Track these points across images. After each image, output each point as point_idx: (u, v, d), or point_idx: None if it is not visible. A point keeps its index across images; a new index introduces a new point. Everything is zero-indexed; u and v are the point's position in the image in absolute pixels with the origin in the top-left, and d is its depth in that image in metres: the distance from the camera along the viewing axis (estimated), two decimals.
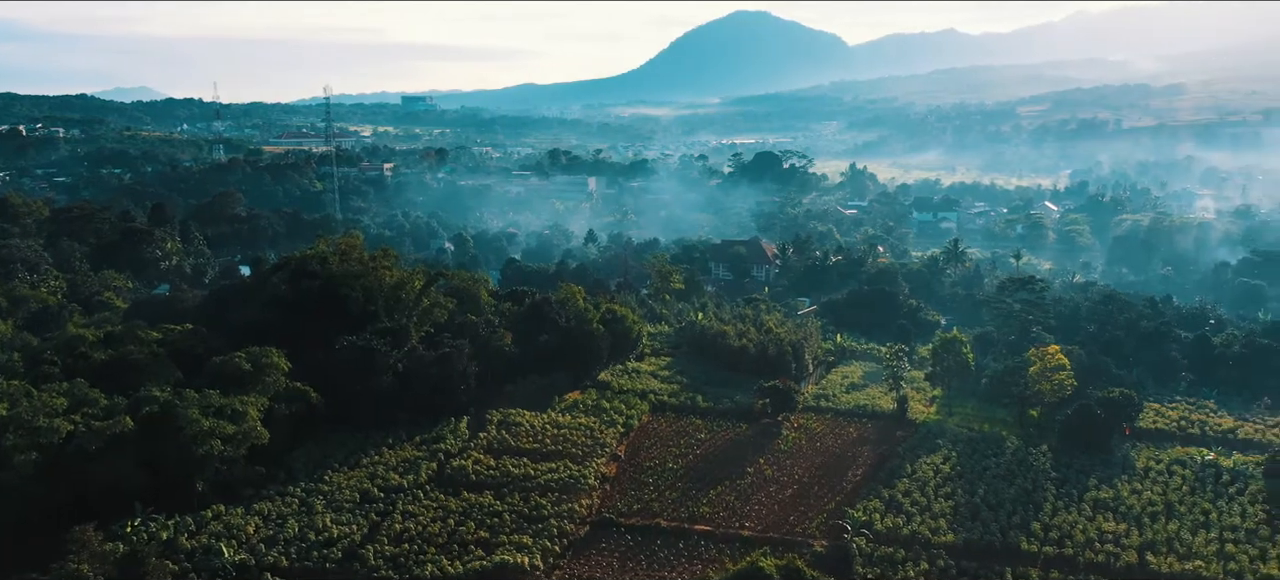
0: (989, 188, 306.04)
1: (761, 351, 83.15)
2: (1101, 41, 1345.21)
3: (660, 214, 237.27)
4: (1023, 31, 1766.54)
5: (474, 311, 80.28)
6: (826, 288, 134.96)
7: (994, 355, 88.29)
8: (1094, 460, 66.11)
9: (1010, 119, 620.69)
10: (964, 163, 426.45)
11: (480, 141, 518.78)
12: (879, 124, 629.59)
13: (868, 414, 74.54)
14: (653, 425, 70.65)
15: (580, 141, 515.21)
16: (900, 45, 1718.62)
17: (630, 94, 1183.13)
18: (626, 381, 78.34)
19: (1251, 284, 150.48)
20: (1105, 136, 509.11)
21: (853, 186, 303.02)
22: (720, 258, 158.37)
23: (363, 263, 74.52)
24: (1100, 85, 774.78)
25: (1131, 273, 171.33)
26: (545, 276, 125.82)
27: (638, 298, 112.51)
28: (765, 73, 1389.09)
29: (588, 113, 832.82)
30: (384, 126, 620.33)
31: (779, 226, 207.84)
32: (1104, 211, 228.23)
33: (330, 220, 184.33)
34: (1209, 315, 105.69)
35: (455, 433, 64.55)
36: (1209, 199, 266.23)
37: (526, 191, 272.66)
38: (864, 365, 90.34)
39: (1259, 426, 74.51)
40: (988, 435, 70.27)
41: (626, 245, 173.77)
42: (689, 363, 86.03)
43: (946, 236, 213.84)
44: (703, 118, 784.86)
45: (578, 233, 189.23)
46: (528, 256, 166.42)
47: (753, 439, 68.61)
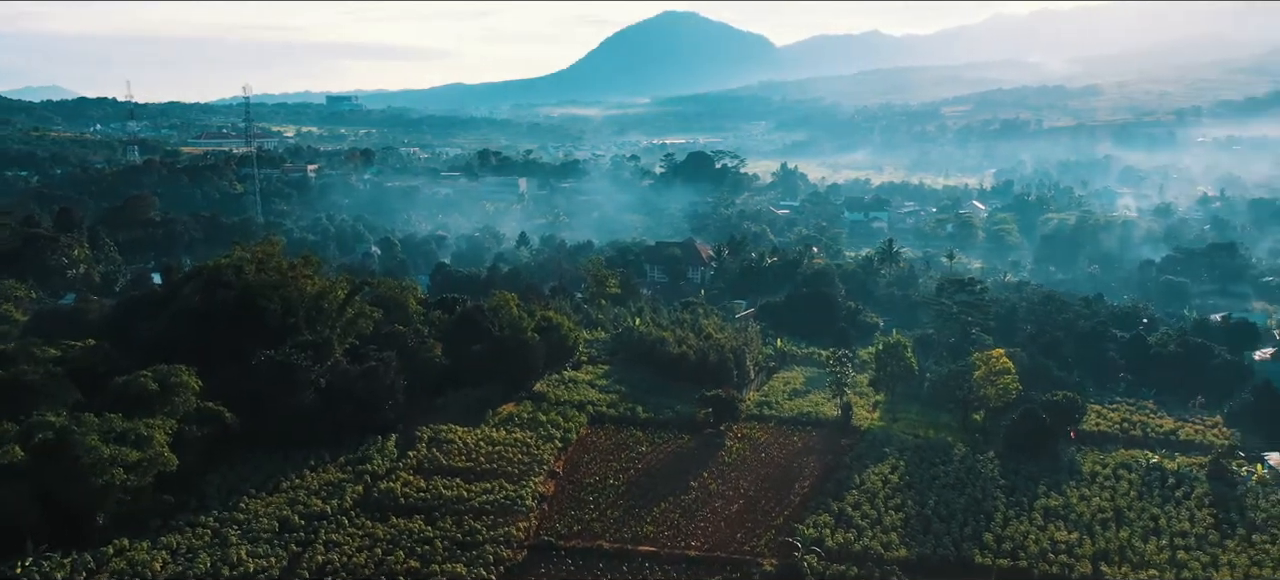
0: (917, 187, 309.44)
1: (702, 358, 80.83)
2: (1019, 44, 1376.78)
3: (593, 215, 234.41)
4: (943, 33, 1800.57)
5: (402, 321, 76.49)
6: (763, 289, 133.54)
7: (935, 358, 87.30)
8: (1041, 465, 65.08)
9: (935, 119, 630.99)
10: (892, 162, 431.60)
11: (408, 142, 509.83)
12: (808, 124, 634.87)
13: (812, 421, 72.67)
14: (592, 438, 67.76)
15: (510, 142, 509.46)
16: (826, 46, 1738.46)
17: (560, 94, 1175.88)
18: (564, 392, 75.33)
19: (1175, 281, 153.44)
20: (1027, 136, 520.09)
21: (784, 186, 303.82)
22: (655, 260, 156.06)
23: (282, 271, 70.20)
24: (1020, 86, 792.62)
25: (1060, 271, 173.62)
26: (477, 282, 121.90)
27: (573, 302, 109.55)
28: (694, 73, 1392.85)
29: (517, 113, 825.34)
30: (308, 127, 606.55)
31: (713, 227, 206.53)
32: (1030, 210, 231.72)
33: (251, 224, 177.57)
34: (1141, 314, 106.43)
35: (383, 452, 60.81)
36: (1130, 197, 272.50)
37: (456, 193, 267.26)
38: (805, 370, 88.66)
39: (1198, 427, 74.50)
40: (934, 442, 68.87)
41: (560, 248, 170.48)
42: (627, 370, 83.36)
43: (878, 236, 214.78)
44: (633, 118, 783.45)
45: (509, 235, 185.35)
46: (458, 260, 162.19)
47: (696, 451, 66.17)
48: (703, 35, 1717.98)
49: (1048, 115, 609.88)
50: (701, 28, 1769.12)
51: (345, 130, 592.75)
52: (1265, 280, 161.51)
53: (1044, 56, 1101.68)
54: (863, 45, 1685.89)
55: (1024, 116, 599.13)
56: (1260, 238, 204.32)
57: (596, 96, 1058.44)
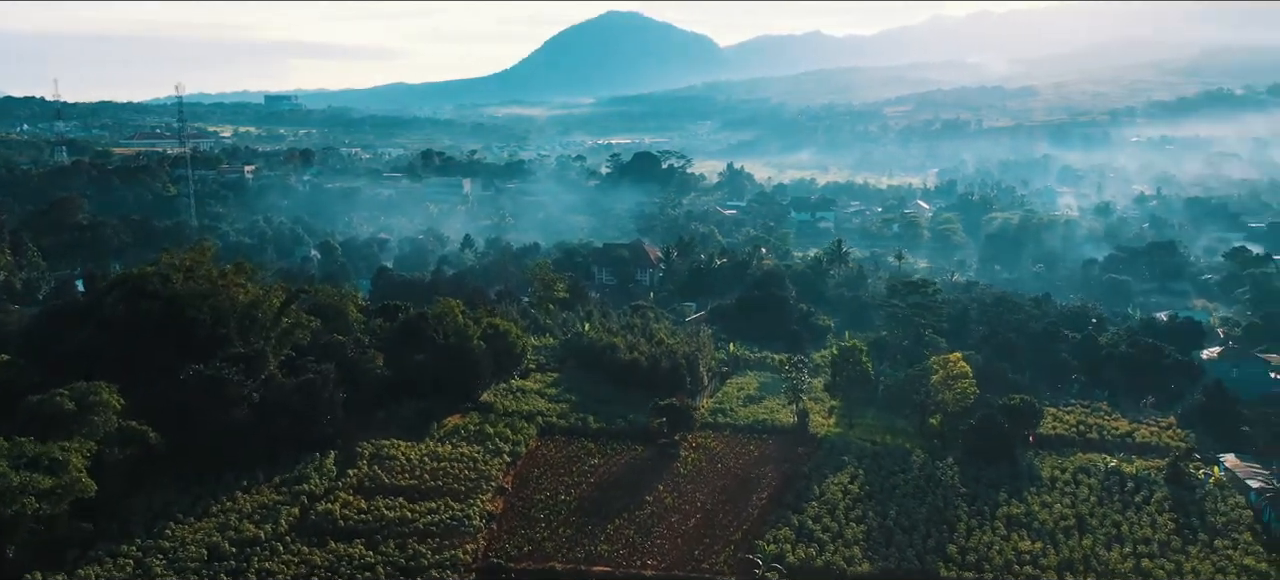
0: (862, 187, 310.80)
1: (654, 365, 78.63)
2: (958, 45, 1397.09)
3: (538, 216, 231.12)
4: (884, 34, 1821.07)
5: (341, 330, 73.15)
6: (713, 291, 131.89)
7: (890, 361, 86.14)
8: (1001, 471, 64.02)
9: (877, 119, 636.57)
10: (836, 162, 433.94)
11: (349, 142, 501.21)
12: (753, 124, 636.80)
13: (768, 429, 70.89)
14: (542, 451, 65.17)
15: (454, 142, 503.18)
16: (770, 47, 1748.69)
17: (504, 94, 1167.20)
18: (511, 402, 72.62)
19: (1118, 280, 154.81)
20: (968, 136, 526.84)
21: (731, 186, 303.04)
22: (603, 262, 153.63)
23: (212, 279, 66.52)
24: (960, 87, 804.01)
25: (1005, 270, 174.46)
26: (420, 287, 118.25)
27: (520, 307, 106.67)
28: (639, 73, 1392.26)
29: (461, 113, 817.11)
30: (246, 127, 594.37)
31: (660, 228, 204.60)
32: (974, 210, 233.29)
33: (184, 227, 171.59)
34: (1090, 314, 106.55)
35: (321, 470, 57.61)
36: (1070, 196, 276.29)
37: (398, 194, 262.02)
38: (759, 375, 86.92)
39: (1153, 429, 74.14)
40: (892, 449, 67.48)
41: (505, 250, 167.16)
42: (577, 378, 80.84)
43: (825, 236, 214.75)
44: (578, 118, 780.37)
45: (454, 237, 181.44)
46: (401, 263, 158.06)
47: (650, 462, 63.95)
48: (647, 35, 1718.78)
49: (987, 115, 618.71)
50: (645, 28, 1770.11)
51: (285, 130, 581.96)
52: (1204, 278, 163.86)
53: (983, 58, 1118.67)
54: (806, 46, 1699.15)
55: (964, 117, 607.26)
56: (1197, 236, 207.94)
57: (541, 96, 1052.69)
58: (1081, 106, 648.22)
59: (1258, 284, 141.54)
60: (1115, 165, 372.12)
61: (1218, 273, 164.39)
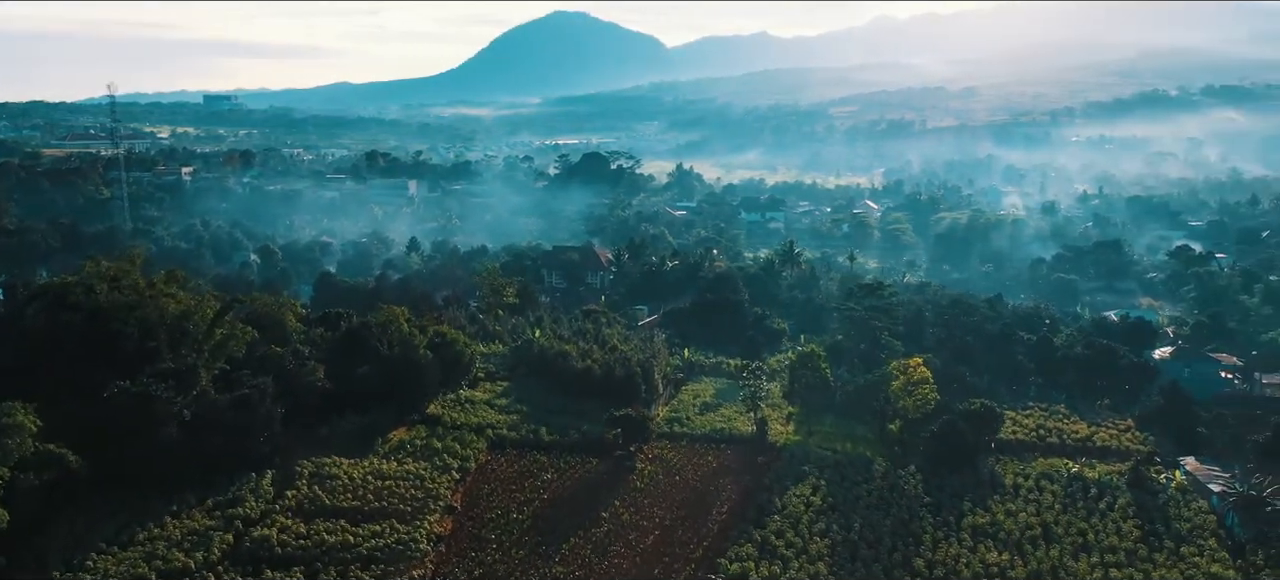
0: (811, 187, 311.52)
1: (608, 373, 76.23)
2: (902, 46, 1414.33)
3: (486, 218, 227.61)
4: (830, 35, 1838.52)
5: (280, 341, 69.67)
6: (665, 294, 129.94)
7: (847, 366, 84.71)
8: (963, 479, 62.73)
9: (824, 120, 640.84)
10: (784, 162, 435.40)
11: (291, 143, 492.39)
12: (701, 124, 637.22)
13: (726, 438, 68.89)
14: (492, 466, 62.47)
15: (399, 143, 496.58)
16: (716, 47, 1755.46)
17: (450, 94, 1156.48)
18: (460, 414, 69.74)
19: (1066, 279, 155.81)
20: (913, 136, 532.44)
21: (680, 187, 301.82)
22: (553, 265, 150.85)
23: (139, 290, 62.78)
24: (904, 88, 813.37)
25: (954, 270, 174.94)
26: (364, 292, 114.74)
27: (468, 313, 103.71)
28: (586, 73, 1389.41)
29: (406, 113, 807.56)
30: (184, 127, 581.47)
31: (610, 229, 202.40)
32: (923, 210, 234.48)
33: (117, 232, 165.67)
34: (1044, 315, 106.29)
35: (257, 492, 54.35)
36: (1015, 196, 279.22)
37: (342, 196, 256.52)
38: (715, 381, 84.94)
39: (1112, 431, 73.45)
40: (853, 457, 65.89)
41: (453, 254, 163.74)
42: (528, 387, 78.14)
43: (775, 237, 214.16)
44: (525, 118, 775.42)
45: (399, 240, 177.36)
46: (344, 268, 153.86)
47: (605, 476, 61.60)
48: (593, 35, 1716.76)
49: (931, 116, 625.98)
50: (592, 28, 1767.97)
51: (224, 131, 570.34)
52: (1149, 277, 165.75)
53: (927, 59, 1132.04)
54: (752, 46, 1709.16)
55: (909, 117, 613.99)
56: (1139, 234, 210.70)
57: (487, 97, 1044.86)
58: (1022, 107, 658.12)
59: (1202, 283, 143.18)
60: (1057, 164, 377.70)
61: (1162, 271, 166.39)
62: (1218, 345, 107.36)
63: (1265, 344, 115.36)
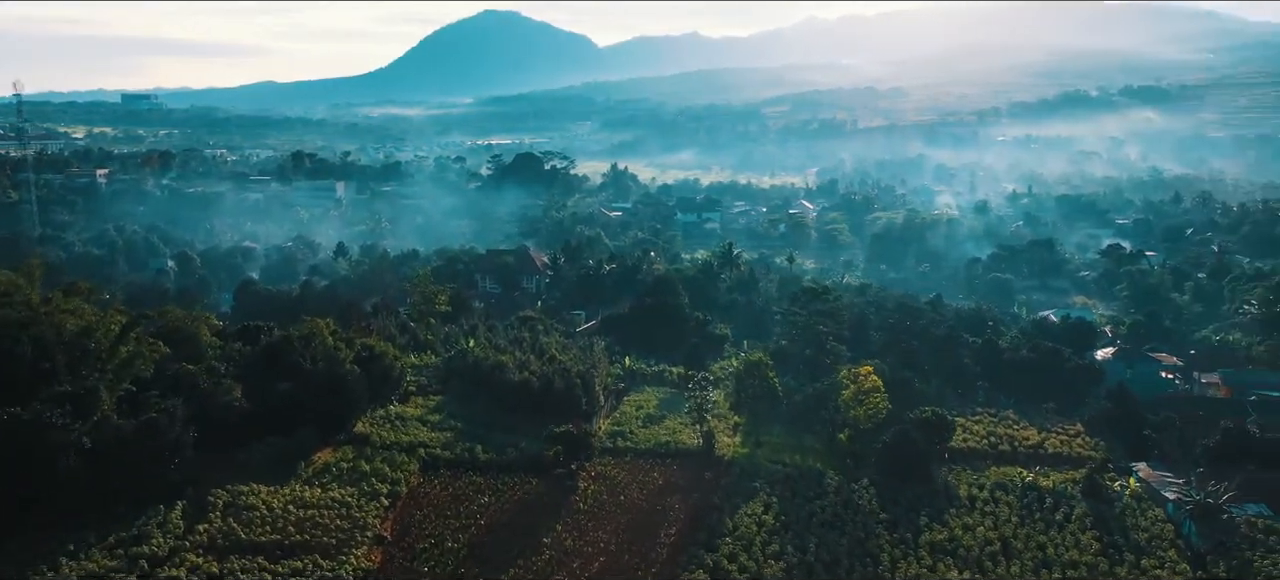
0: (746, 187, 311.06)
1: (547, 385, 72.72)
2: (831, 47, 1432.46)
3: (417, 221, 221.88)
4: (761, 36, 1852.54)
5: (193, 358, 64.76)
6: (603, 299, 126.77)
7: (793, 373, 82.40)
8: (917, 491, 60.62)
9: (757, 120, 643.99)
10: (718, 162, 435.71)
11: (213, 144, 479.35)
12: (634, 124, 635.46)
13: (672, 453, 65.85)
14: (424, 489, 58.54)
15: (326, 143, 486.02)
16: (648, 47, 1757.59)
17: (379, 93, 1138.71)
18: (390, 432, 65.61)
19: (1002, 278, 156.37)
20: (844, 136, 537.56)
21: (616, 188, 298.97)
22: (486, 269, 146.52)
23: (32, 306, 57.55)
24: (835, 88, 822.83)
25: (891, 270, 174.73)
26: (288, 301, 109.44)
27: (398, 322, 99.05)
28: (517, 73, 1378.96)
29: (334, 113, 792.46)
30: (101, 127, 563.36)
31: (545, 231, 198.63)
32: (858, 210, 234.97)
33: (22, 238, 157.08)
34: (986, 317, 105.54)
35: (165, 526, 49.68)
36: (948, 195, 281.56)
37: (266, 199, 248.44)
38: (658, 391, 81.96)
39: (1063, 437, 72.20)
40: (804, 470, 63.38)
41: (382, 258, 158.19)
42: (463, 401, 74.22)
43: (712, 237, 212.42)
44: (456, 118, 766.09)
45: (326, 245, 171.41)
46: (268, 275, 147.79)
47: (546, 497, 58.11)
48: (525, 35, 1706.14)
49: (862, 115, 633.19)
50: (523, 27, 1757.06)
51: (144, 131, 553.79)
52: (1082, 275, 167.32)
53: (855, 59, 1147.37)
54: (683, 46, 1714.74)
55: (840, 117, 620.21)
56: (1069, 232, 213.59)
57: (418, 96, 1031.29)
58: (949, 107, 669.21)
59: (1134, 281, 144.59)
60: (985, 164, 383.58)
61: (1094, 269, 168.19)
62: (1155, 344, 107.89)
63: (1199, 342, 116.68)
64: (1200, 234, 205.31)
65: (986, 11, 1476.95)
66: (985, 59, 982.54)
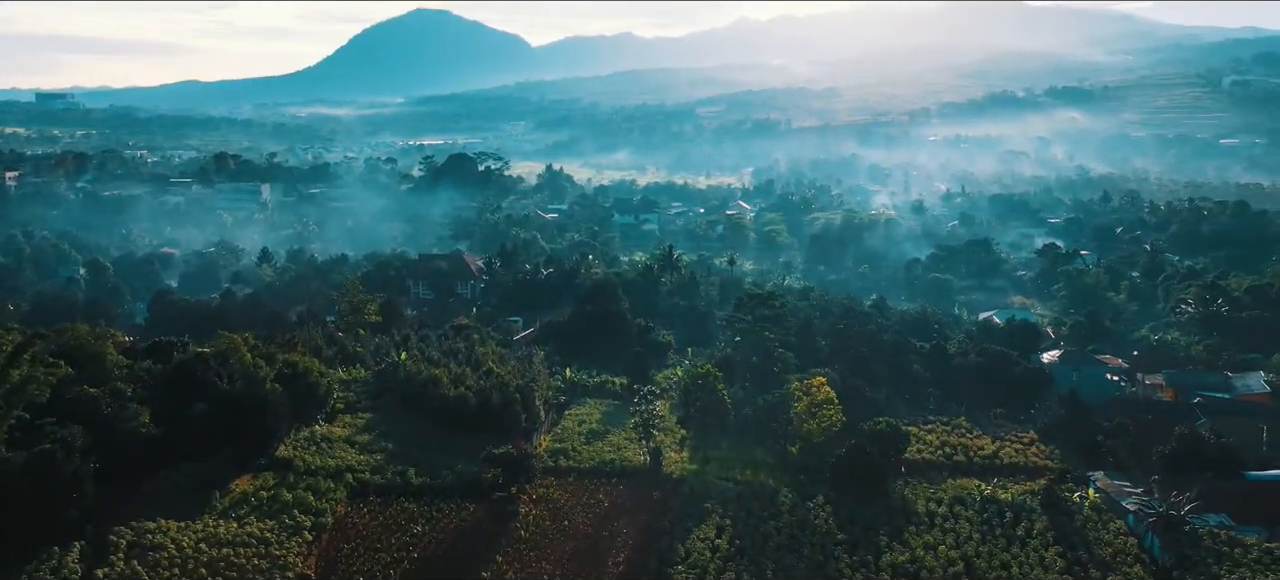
0: (682, 187, 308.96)
1: (484, 401, 68.79)
2: (763, 47, 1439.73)
3: (347, 224, 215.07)
4: (692, 36, 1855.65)
5: (97, 379, 59.51)
6: (541, 304, 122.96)
7: (740, 382, 79.62)
8: (874, 507, 58.19)
9: (691, 119, 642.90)
10: (654, 162, 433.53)
11: (133, 144, 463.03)
12: (568, 124, 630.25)
13: (617, 471, 62.57)
14: (352, 519, 54.33)
15: (252, 144, 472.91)
16: (581, 47, 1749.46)
17: (307, 93, 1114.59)
18: (314, 456, 61.18)
19: (941, 278, 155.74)
20: (778, 136, 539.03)
21: (551, 189, 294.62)
22: (419, 275, 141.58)
23: None
24: (768, 88, 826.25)
25: (831, 271, 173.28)
26: (207, 311, 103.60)
27: (325, 333, 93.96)
28: (449, 72, 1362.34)
29: (261, 113, 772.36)
30: (13, 127, 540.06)
31: (479, 234, 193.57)
32: (796, 210, 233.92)
33: None
34: (932, 320, 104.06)
35: (60, 571, 44.87)
36: (884, 195, 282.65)
37: (187, 202, 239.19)
38: (600, 404, 78.63)
39: (1017, 446, 70.58)
40: (757, 488, 60.58)
41: (309, 264, 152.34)
42: (394, 419, 70.00)
43: (650, 239, 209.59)
44: (387, 118, 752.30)
45: (250, 250, 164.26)
46: (187, 283, 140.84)
47: (484, 525, 54.36)
48: (457, 34, 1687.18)
49: (795, 116, 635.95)
50: (455, 26, 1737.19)
51: (59, 132, 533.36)
52: (1019, 274, 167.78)
53: (787, 60, 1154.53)
54: (616, 46, 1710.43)
55: (774, 117, 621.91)
56: (1003, 231, 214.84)
57: (347, 96, 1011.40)
58: (881, 107, 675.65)
59: (1071, 281, 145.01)
60: (918, 163, 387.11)
61: (1031, 269, 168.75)
62: (1097, 345, 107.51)
63: (1138, 341, 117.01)
64: (1130, 233, 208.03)
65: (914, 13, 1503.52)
66: (914, 60, 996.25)
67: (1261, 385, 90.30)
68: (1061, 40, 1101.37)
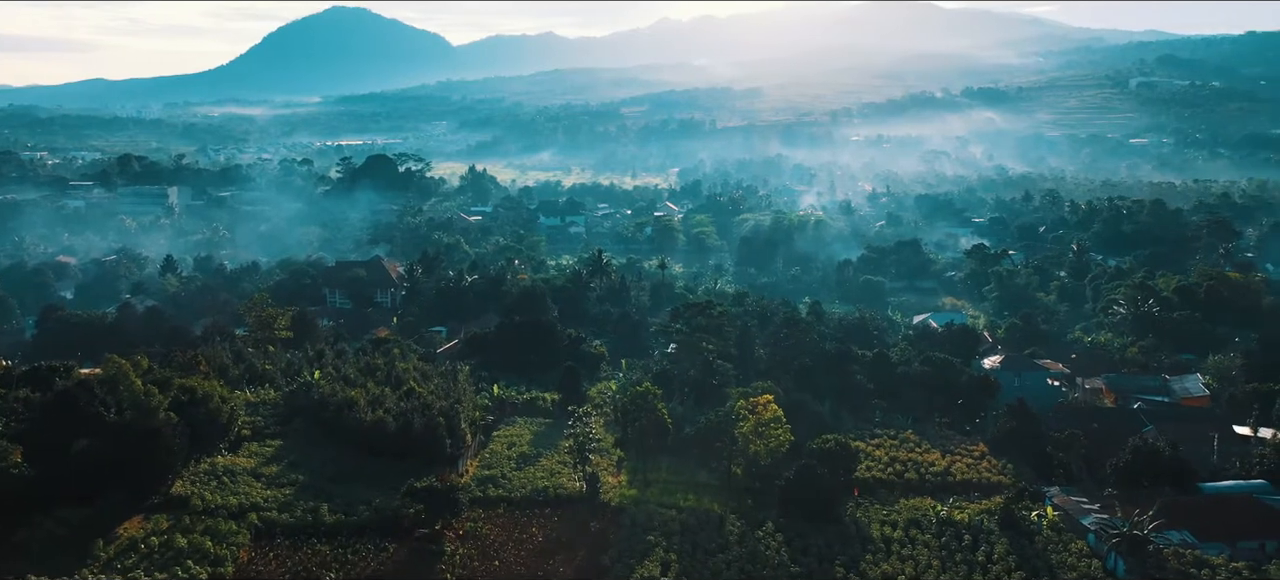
0: (608, 188, 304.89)
1: (405, 426, 63.52)
2: (685, 47, 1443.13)
3: (260, 229, 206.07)
4: (616, 36, 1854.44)
5: None
6: (465, 313, 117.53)
7: (679, 398, 75.55)
8: (826, 533, 54.64)
9: (616, 119, 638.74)
10: (578, 162, 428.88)
11: (32, 145, 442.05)
12: (491, 125, 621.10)
13: (551, 500, 58.01)
14: (256, 567, 48.76)
15: (161, 144, 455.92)
16: (503, 47, 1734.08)
17: (220, 92, 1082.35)
18: (215, 493, 55.29)
19: (873, 281, 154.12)
20: (703, 136, 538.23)
21: (475, 190, 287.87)
22: (336, 282, 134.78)
23: None
24: (691, 88, 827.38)
25: (761, 274, 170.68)
26: (101, 327, 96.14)
27: (233, 349, 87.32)
28: (368, 71, 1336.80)
29: (171, 112, 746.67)
30: None
31: (400, 239, 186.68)
32: (724, 211, 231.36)
33: None
34: (871, 326, 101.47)
35: None
36: (812, 196, 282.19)
37: (88, 207, 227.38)
38: (531, 423, 73.76)
39: (968, 460, 67.76)
40: (701, 514, 56.55)
41: (218, 272, 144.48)
42: (306, 446, 64.33)
43: (577, 242, 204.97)
44: (303, 118, 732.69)
45: (154, 258, 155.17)
46: (83, 295, 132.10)
47: (406, 568, 49.29)
48: (375, 33, 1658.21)
49: (720, 116, 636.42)
50: (373, 25, 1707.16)
51: None
52: (948, 275, 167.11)
53: (709, 60, 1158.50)
54: (539, 46, 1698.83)
55: (699, 117, 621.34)
56: (929, 231, 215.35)
57: (262, 95, 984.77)
58: (803, 108, 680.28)
59: (1002, 282, 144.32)
60: (841, 163, 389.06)
61: (960, 269, 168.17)
62: (1034, 349, 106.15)
63: (1072, 343, 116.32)
64: (1053, 232, 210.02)
65: (832, 14, 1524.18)
66: (833, 60, 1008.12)
67: (1200, 388, 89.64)
68: (974, 42, 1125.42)
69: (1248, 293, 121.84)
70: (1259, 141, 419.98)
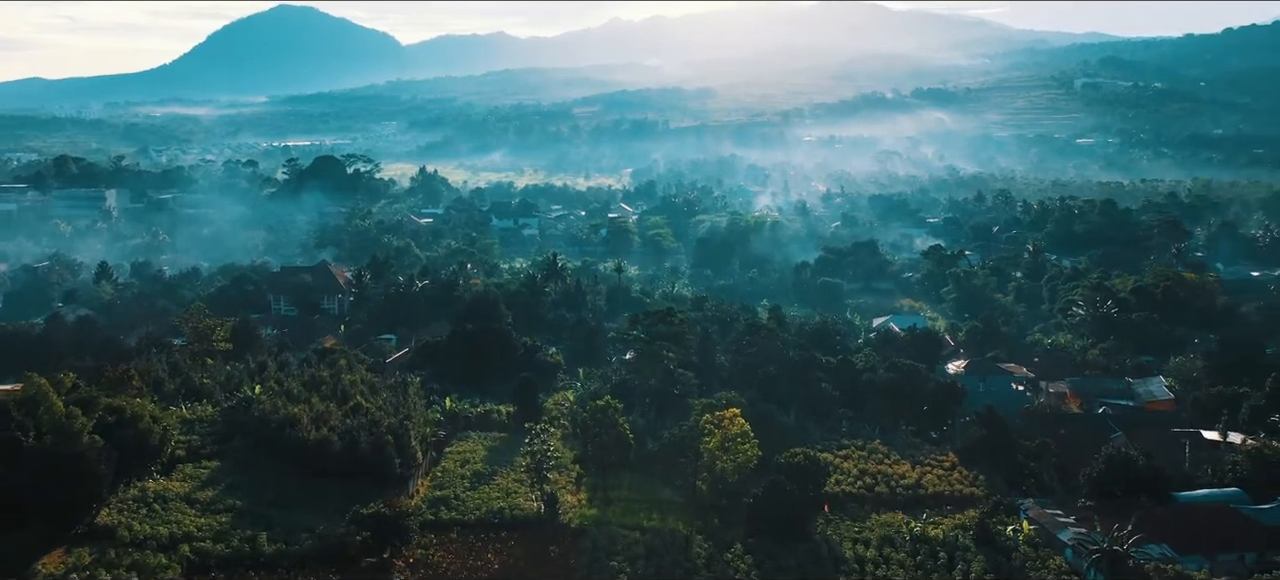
0: (562, 189, 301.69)
1: (351, 445, 59.99)
2: (636, 48, 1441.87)
3: (202, 233, 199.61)
4: (567, 36, 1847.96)
5: None
6: (415, 320, 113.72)
7: (640, 409, 72.81)
8: (798, 552, 52.27)
9: (568, 120, 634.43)
10: (531, 163, 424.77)
11: None
12: (441, 125, 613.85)
13: (508, 523, 54.93)
14: None
15: (101, 145, 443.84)
16: (454, 46, 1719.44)
17: (163, 92, 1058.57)
18: (144, 523, 51.44)
19: (831, 283, 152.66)
20: (656, 136, 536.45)
21: (425, 192, 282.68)
22: (281, 289, 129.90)
23: None
24: (643, 88, 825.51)
25: (718, 276, 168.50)
26: (28, 340, 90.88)
27: (169, 361, 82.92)
28: (316, 71, 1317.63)
29: (112, 112, 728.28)
30: None
31: (348, 243, 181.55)
32: (679, 213, 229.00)
33: None
34: (833, 330, 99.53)
35: None
36: (766, 197, 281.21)
37: (20, 210, 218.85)
38: (485, 438, 70.48)
39: (939, 472, 65.79)
40: (665, 535, 53.84)
41: (156, 279, 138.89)
42: (245, 468, 60.53)
43: (530, 244, 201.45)
44: (249, 118, 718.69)
45: (89, 264, 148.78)
46: (12, 304, 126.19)
47: None
48: (323, 32, 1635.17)
49: (672, 116, 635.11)
50: (321, 23, 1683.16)
51: None
52: (905, 276, 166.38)
53: (660, 60, 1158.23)
54: (490, 46, 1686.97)
55: (651, 117, 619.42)
56: (885, 232, 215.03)
57: (206, 95, 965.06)
58: (755, 108, 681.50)
59: (960, 284, 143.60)
60: (795, 163, 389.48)
61: (917, 271, 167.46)
62: (995, 351, 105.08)
63: (1031, 345, 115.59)
64: (1007, 232, 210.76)
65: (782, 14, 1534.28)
66: (784, 60, 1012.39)
67: (1164, 391, 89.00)
68: (922, 43, 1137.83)
69: (1203, 293, 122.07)
70: (1201, 141, 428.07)
